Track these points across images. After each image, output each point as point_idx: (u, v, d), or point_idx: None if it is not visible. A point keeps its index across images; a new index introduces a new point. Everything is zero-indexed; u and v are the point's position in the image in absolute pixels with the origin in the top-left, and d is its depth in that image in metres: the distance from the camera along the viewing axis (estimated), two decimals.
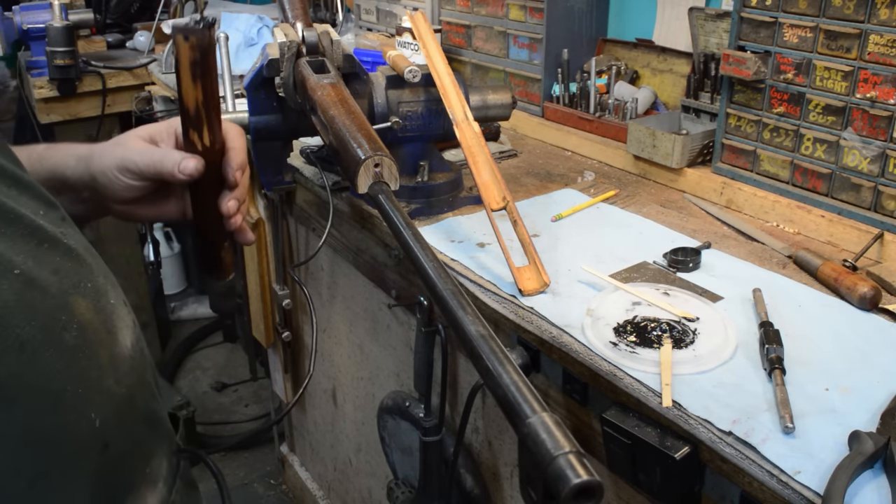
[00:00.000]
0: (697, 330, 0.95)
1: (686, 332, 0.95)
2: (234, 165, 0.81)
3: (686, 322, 0.96)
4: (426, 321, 1.23)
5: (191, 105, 0.74)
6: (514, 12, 1.76)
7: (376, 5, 2.21)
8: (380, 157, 0.83)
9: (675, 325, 0.96)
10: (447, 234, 1.24)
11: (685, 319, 0.97)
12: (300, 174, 1.52)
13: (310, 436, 2.09)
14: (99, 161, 0.82)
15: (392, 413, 1.40)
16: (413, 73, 1.27)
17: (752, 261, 1.14)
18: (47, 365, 0.56)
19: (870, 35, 1.11)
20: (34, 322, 0.56)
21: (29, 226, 0.59)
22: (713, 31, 1.46)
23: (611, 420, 0.86)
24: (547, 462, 0.41)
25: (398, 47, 1.78)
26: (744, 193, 1.32)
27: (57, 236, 0.62)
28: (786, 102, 1.25)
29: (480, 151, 1.19)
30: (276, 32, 1.18)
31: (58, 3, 2.24)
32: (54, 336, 0.57)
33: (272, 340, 1.98)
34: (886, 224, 1.14)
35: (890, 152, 1.13)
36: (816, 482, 0.70)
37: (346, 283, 1.59)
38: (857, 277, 1.02)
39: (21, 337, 0.54)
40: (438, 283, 0.58)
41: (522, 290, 1.04)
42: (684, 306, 1.00)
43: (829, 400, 0.82)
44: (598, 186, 1.45)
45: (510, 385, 0.47)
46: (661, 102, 1.65)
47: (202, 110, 0.75)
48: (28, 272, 0.57)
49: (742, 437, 0.76)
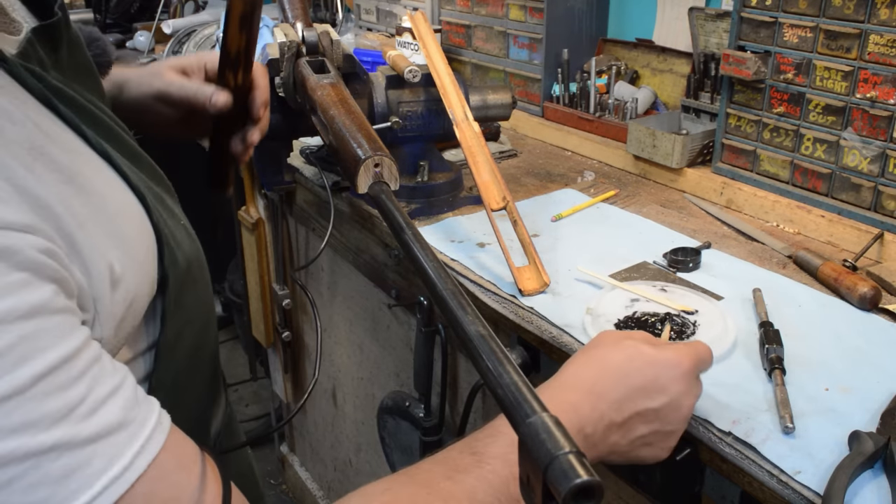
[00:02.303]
0: (697, 322, 0.95)
1: (686, 323, 0.95)
2: (259, 103, 0.93)
3: (685, 315, 0.97)
4: (426, 321, 1.23)
5: (233, 50, 0.86)
6: (514, 12, 1.76)
7: (376, 5, 2.21)
8: (380, 156, 0.83)
9: (675, 317, 0.96)
10: (447, 234, 1.24)
11: (684, 312, 0.98)
12: (300, 174, 1.52)
13: (310, 436, 2.09)
14: (136, 89, 0.93)
15: (392, 413, 1.40)
16: (413, 73, 1.27)
17: (752, 261, 1.14)
18: (201, 292, 0.72)
19: (870, 35, 1.11)
20: (196, 261, 0.70)
21: (164, 179, 0.73)
22: (713, 31, 1.46)
23: None
24: (547, 462, 0.41)
25: (398, 47, 1.78)
26: (744, 193, 1.32)
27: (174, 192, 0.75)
28: (786, 102, 1.25)
29: (480, 151, 1.19)
30: (276, 32, 1.18)
31: None
32: (201, 273, 0.72)
33: (272, 340, 1.98)
34: (886, 224, 1.14)
35: (890, 152, 1.13)
36: (816, 482, 0.70)
37: (346, 283, 1.59)
38: (857, 277, 1.02)
39: (194, 273, 0.69)
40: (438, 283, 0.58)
41: (522, 290, 1.04)
42: (682, 300, 1.01)
43: (829, 400, 0.82)
44: (598, 186, 1.45)
45: (510, 385, 0.47)
46: (661, 102, 1.65)
47: (242, 56, 0.86)
48: (184, 221, 0.72)
49: (742, 438, 0.76)
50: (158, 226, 0.64)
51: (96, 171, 0.60)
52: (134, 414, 0.52)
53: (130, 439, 0.51)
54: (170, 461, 0.53)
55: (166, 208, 0.68)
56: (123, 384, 0.53)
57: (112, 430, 0.50)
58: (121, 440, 0.50)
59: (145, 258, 0.61)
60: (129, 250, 0.58)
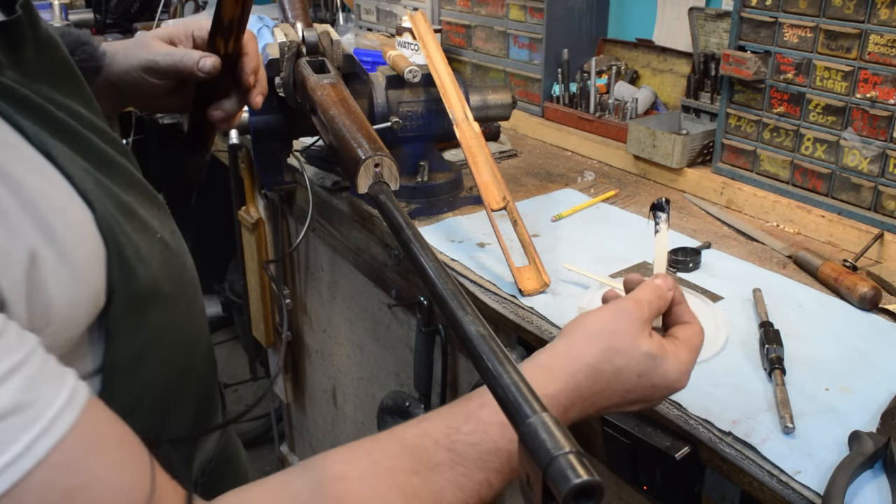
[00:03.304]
0: None
1: None
2: (248, 70, 0.92)
3: None
4: (426, 321, 1.23)
5: (227, 18, 0.85)
6: (514, 12, 1.76)
7: (376, 5, 2.21)
8: (380, 157, 0.83)
9: None
10: (447, 234, 1.24)
11: None
12: (300, 174, 1.52)
13: (310, 436, 2.09)
14: (123, 62, 0.92)
15: (392, 413, 1.40)
16: (413, 73, 1.27)
17: (752, 261, 1.14)
18: (178, 312, 0.69)
19: (870, 35, 1.11)
20: (171, 278, 0.67)
21: (147, 190, 0.71)
22: (713, 31, 1.46)
23: (611, 420, 0.86)
24: (547, 462, 0.41)
25: (398, 47, 1.78)
26: (744, 193, 1.32)
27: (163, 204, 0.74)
28: (786, 102, 1.25)
29: (480, 151, 1.19)
30: (276, 32, 1.18)
31: (58, 3, 2.24)
32: (180, 291, 0.70)
33: (272, 340, 1.98)
34: (886, 224, 1.14)
35: (890, 152, 1.13)
36: (816, 482, 0.70)
37: (346, 283, 1.59)
38: (857, 277, 1.02)
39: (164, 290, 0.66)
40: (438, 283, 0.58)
41: (522, 290, 1.04)
42: None
43: (829, 400, 0.82)
44: (598, 186, 1.45)
45: (510, 385, 0.47)
46: (661, 102, 1.65)
47: (235, 24, 0.86)
48: (162, 234, 0.69)
49: (742, 437, 0.76)
50: (113, 235, 0.60)
51: (35, 168, 0.56)
52: (35, 394, 0.46)
53: (29, 422, 0.46)
54: (78, 445, 0.48)
55: (135, 219, 0.65)
56: (27, 360, 0.47)
57: (6, 413, 0.45)
58: (17, 424, 0.45)
59: (86, 265, 0.57)
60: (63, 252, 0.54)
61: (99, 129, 0.67)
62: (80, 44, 0.86)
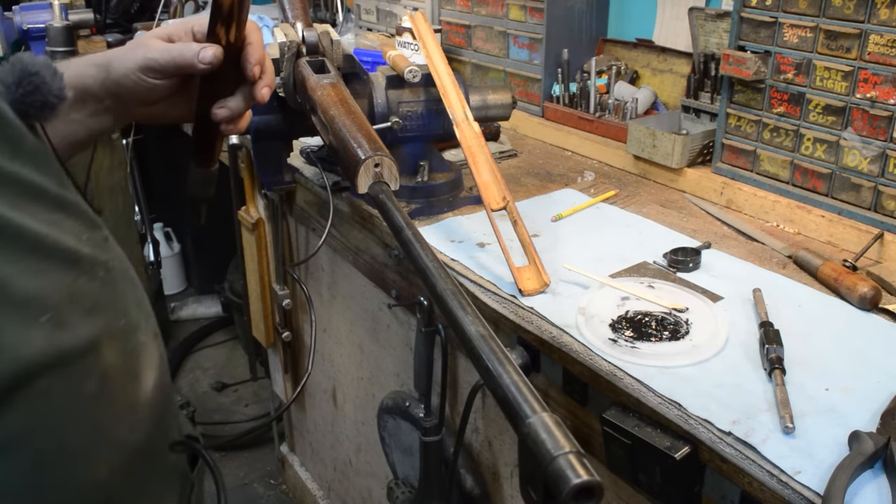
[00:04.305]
0: (690, 321, 0.96)
1: (679, 322, 0.96)
2: (252, 61, 0.85)
3: (677, 313, 0.98)
4: (426, 321, 1.23)
5: (226, 4, 0.79)
6: (514, 12, 1.76)
7: (376, 5, 2.21)
8: (380, 157, 0.83)
9: (667, 316, 0.97)
10: (447, 234, 1.24)
11: (675, 310, 0.98)
12: (300, 174, 1.52)
13: (310, 436, 2.09)
14: (121, 65, 0.84)
15: (392, 413, 1.40)
16: (413, 73, 1.27)
17: (752, 261, 1.14)
18: (61, 414, 0.55)
19: (870, 35, 1.11)
20: (58, 371, 0.54)
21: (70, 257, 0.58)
22: (713, 31, 1.46)
23: (611, 420, 0.86)
24: (547, 462, 0.41)
25: (398, 47, 1.78)
26: (744, 193, 1.32)
27: (97, 263, 0.61)
28: (786, 102, 1.25)
29: (480, 151, 1.19)
30: (276, 32, 1.18)
31: (58, 3, 2.24)
32: (73, 384, 0.55)
33: (272, 340, 1.98)
34: (886, 224, 1.14)
35: (890, 152, 1.13)
36: (816, 482, 0.70)
37: (346, 283, 1.59)
38: (857, 277, 1.02)
39: (40, 387, 0.52)
40: (438, 283, 0.58)
41: (522, 290, 1.04)
42: (671, 297, 1.01)
43: (829, 400, 0.82)
44: (598, 186, 1.45)
45: (510, 385, 0.47)
46: (661, 102, 1.65)
47: (235, 9, 0.80)
48: (59, 314, 0.54)
49: (742, 438, 0.76)
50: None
51: None
52: None
53: None
54: None
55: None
56: None
57: None
58: None
59: None
60: None
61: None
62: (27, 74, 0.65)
